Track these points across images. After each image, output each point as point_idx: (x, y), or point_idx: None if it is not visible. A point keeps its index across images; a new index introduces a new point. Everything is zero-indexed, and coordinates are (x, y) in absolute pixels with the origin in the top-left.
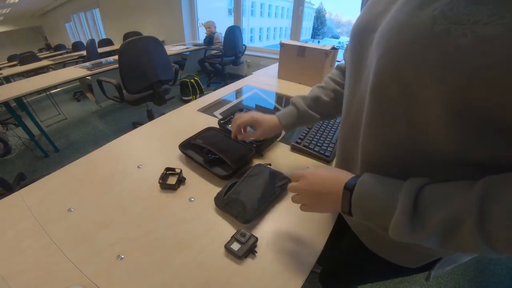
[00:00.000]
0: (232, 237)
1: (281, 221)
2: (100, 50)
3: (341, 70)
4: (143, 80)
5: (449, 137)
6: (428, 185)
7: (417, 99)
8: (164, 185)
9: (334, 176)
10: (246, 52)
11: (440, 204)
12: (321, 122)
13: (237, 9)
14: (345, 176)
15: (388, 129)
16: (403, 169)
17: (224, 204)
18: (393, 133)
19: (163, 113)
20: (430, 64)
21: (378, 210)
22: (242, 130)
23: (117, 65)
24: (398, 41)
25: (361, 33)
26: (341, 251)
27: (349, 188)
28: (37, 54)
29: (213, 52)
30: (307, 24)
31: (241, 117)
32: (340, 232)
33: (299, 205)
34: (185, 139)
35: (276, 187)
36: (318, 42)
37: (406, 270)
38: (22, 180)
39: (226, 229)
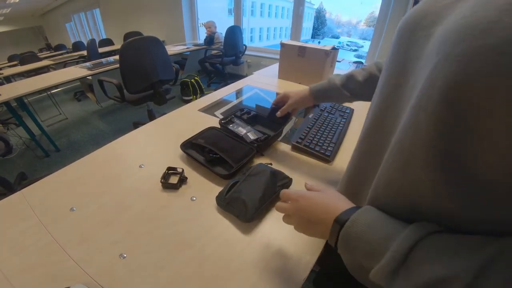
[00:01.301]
0: None
1: (282, 220)
2: (100, 50)
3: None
4: (144, 80)
5: (501, 193)
6: (435, 234)
7: (472, 132)
8: (166, 185)
9: (328, 204)
10: (246, 52)
11: (435, 263)
12: (322, 121)
13: (237, 9)
14: (339, 206)
15: (418, 166)
16: (418, 216)
17: (225, 203)
18: (424, 173)
19: (164, 113)
20: None
21: (364, 253)
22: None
23: (117, 65)
24: (476, 45)
25: (416, 26)
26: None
27: (339, 222)
28: (38, 54)
29: (214, 52)
30: (307, 24)
31: (276, 97)
32: None
33: (275, 209)
34: (186, 138)
35: (277, 186)
36: (319, 42)
37: None
38: (23, 180)
39: (227, 228)
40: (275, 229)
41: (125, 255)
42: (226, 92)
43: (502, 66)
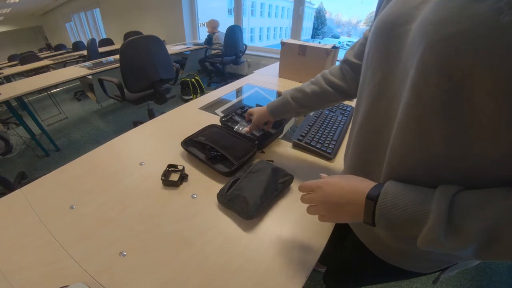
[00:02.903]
0: None
1: (283, 218)
2: (100, 49)
3: (345, 68)
4: (144, 79)
5: (501, 141)
6: (461, 191)
7: (468, 95)
8: (167, 182)
9: (354, 185)
10: (246, 52)
11: (478, 212)
12: (323, 120)
13: (237, 9)
14: (365, 185)
15: (429, 133)
16: (437, 180)
17: (227, 201)
18: (435, 137)
19: (164, 112)
20: (493, 55)
21: (406, 220)
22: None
23: (117, 65)
24: (450, 31)
25: (393, 25)
26: (344, 251)
27: (372, 198)
28: (38, 54)
29: (214, 51)
30: (307, 24)
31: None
32: (343, 231)
33: (301, 202)
34: (187, 136)
35: (278, 183)
36: (319, 42)
37: (415, 273)
38: (23, 179)
39: (229, 226)
40: (276, 226)
41: (125, 253)
42: (226, 91)
43: (469, 43)
